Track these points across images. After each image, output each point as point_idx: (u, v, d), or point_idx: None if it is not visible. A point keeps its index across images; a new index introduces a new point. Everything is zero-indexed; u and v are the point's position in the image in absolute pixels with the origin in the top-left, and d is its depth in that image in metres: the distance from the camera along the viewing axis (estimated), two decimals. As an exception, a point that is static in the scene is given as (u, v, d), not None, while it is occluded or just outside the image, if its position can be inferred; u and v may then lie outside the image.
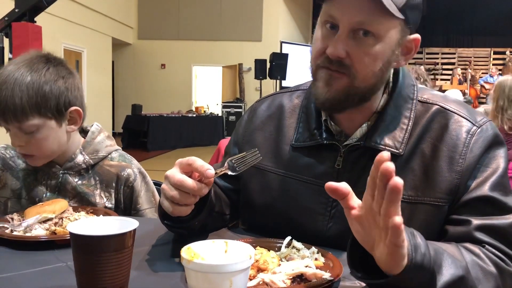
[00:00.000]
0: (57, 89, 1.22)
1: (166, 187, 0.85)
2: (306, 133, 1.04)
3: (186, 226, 0.95)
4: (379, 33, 0.88)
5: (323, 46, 0.92)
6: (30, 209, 1.12)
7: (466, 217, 0.90)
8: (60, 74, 1.24)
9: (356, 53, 0.89)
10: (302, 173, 1.03)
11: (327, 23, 0.91)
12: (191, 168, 0.84)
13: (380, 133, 0.96)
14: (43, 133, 1.22)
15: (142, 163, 1.43)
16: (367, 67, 0.90)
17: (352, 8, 0.87)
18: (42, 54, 1.27)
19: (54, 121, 1.24)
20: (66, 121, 1.27)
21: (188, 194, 0.84)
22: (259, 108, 1.16)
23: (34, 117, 1.19)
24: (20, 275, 0.83)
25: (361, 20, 0.87)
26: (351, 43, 0.89)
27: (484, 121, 0.96)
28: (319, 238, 0.98)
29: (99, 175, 1.34)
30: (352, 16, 0.87)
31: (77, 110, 1.27)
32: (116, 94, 13.82)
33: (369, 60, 0.90)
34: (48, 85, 1.20)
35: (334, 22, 0.90)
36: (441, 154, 0.93)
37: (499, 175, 0.92)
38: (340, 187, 0.69)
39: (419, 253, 0.70)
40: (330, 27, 0.91)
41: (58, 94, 1.22)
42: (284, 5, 13.60)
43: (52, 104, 1.21)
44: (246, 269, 0.65)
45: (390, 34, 0.89)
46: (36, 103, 1.18)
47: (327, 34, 0.92)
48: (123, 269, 0.73)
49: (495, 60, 14.80)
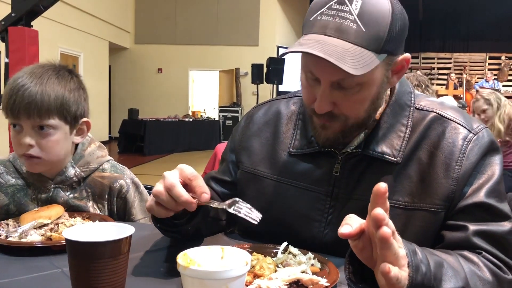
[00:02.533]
0: (78, 97, 1.28)
1: (157, 185, 0.85)
2: (304, 140, 1.04)
3: (178, 230, 0.95)
4: (362, 81, 0.87)
5: (311, 97, 0.93)
6: (26, 214, 1.12)
7: (462, 223, 0.91)
8: (81, 85, 1.31)
9: (343, 103, 0.90)
10: (298, 179, 1.03)
11: (308, 73, 0.91)
12: (191, 183, 0.85)
13: (377, 141, 0.97)
14: (57, 135, 1.23)
15: (138, 167, 1.43)
16: (357, 110, 0.92)
17: (329, 67, 0.82)
18: (64, 65, 1.32)
19: (68, 127, 1.26)
20: (75, 131, 1.29)
21: (175, 201, 0.83)
22: (256, 115, 1.16)
23: (55, 117, 1.22)
24: (16, 281, 0.82)
25: (340, 78, 0.86)
26: (336, 94, 0.89)
27: (480, 128, 0.97)
28: (315, 244, 0.98)
29: (91, 187, 1.33)
30: (331, 75, 0.86)
31: (88, 122, 1.32)
32: (113, 98, 13.80)
33: (358, 104, 0.91)
34: (72, 92, 1.26)
35: (315, 76, 0.89)
36: (437, 161, 0.94)
37: (495, 182, 0.92)
38: (356, 230, 0.68)
39: (420, 273, 0.70)
40: (311, 76, 0.91)
41: (78, 102, 1.27)
42: (281, 10, 13.65)
43: (73, 110, 1.26)
44: (243, 275, 0.65)
45: (374, 77, 0.88)
46: (61, 104, 1.23)
47: (311, 83, 0.92)
48: (119, 275, 0.73)
49: (490, 65, 14.87)
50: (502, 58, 14.53)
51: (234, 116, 12.36)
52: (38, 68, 1.25)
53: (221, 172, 1.17)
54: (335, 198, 0.99)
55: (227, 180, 1.15)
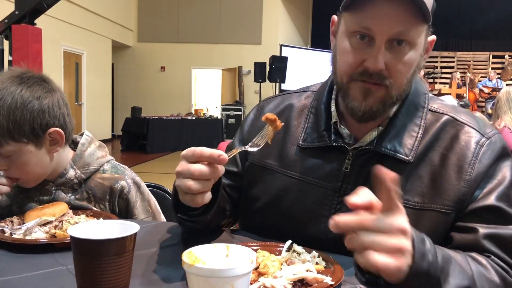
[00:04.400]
0: (30, 112, 1.16)
1: (182, 182, 0.83)
2: (315, 133, 1.04)
3: (198, 220, 0.95)
4: (413, 40, 0.89)
5: (358, 59, 0.91)
6: (30, 212, 1.12)
7: (472, 225, 0.91)
8: (35, 95, 1.17)
9: (393, 64, 0.90)
10: (307, 174, 1.03)
11: (357, 34, 0.90)
12: (201, 159, 0.83)
13: (390, 139, 0.96)
14: (22, 158, 1.18)
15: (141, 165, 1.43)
16: (403, 75, 0.92)
17: (389, 19, 0.86)
18: (16, 74, 1.20)
19: (31, 144, 1.18)
20: (46, 143, 1.21)
21: (206, 180, 0.83)
22: (267, 107, 1.16)
23: (9, 143, 1.15)
24: (20, 278, 0.82)
25: (400, 30, 0.87)
26: (387, 54, 0.89)
27: (493, 133, 0.98)
28: (320, 240, 0.97)
29: (92, 189, 1.31)
30: (391, 27, 0.87)
31: (57, 131, 1.21)
32: (116, 96, 13.82)
33: (405, 68, 0.91)
34: (19, 109, 1.14)
35: (369, 34, 0.89)
36: (450, 163, 0.94)
37: (506, 186, 0.92)
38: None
39: (426, 261, 0.70)
40: (360, 38, 0.90)
41: (32, 118, 1.16)
42: (283, 9, 13.63)
43: (26, 129, 1.16)
44: (248, 273, 0.65)
45: (421, 39, 0.91)
46: (8, 129, 1.14)
47: (359, 46, 0.91)
48: (124, 273, 0.73)
49: (494, 64, 14.81)
50: (506, 57, 14.48)
51: (237, 115, 12.36)
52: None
53: (227, 162, 1.17)
54: (343, 194, 0.98)
55: (234, 171, 1.14)
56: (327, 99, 1.07)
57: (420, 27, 0.89)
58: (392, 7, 0.86)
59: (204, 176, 0.82)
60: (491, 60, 14.95)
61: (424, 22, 0.88)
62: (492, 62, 14.92)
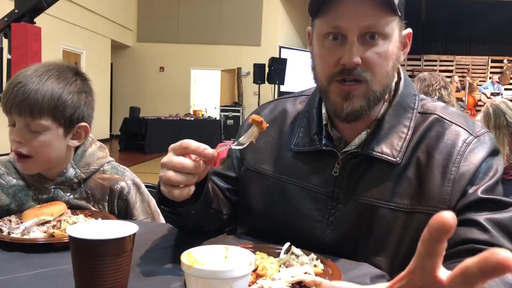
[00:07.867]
0: (77, 101, 1.25)
1: (164, 173, 0.83)
2: (306, 138, 1.04)
3: (182, 212, 0.93)
4: (385, 32, 0.90)
5: (334, 58, 0.92)
6: (28, 211, 1.11)
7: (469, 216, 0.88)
8: (84, 89, 1.29)
9: (369, 57, 0.91)
10: (301, 179, 1.03)
11: (330, 35, 0.92)
12: (186, 151, 0.83)
13: (378, 141, 0.96)
14: (48, 137, 1.22)
15: (139, 165, 1.43)
16: (382, 68, 0.92)
17: (357, 15, 0.88)
18: (72, 66, 1.31)
19: (62, 129, 1.24)
20: (71, 134, 1.28)
21: (189, 174, 0.83)
22: (262, 113, 1.16)
23: (47, 118, 1.21)
24: (18, 277, 0.82)
25: (369, 23, 0.89)
26: (362, 49, 0.90)
27: (482, 132, 0.96)
28: (317, 245, 0.97)
29: (91, 189, 1.32)
30: (360, 22, 0.88)
31: (86, 126, 1.29)
32: (115, 96, 13.80)
33: (381, 60, 0.92)
34: (71, 95, 1.24)
35: (340, 32, 0.90)
36: (435, 163, 0.93)
37: (494, 181, 0.92)
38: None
39: None
40: (333, 39, 0.92)
41: (76, 106, 1.25)
42: (283, 10, 13.64)
43: (68, 113, 1.23)
44: (246, 275, 0.65)
45: (393, 31, 0.92)
46: (55, 106, 1.21)
47: (334, 46, 0.92)
48: (123, 273, 0.73)
49: (492, 68, 14.87)
50: (504, 61, 14.54)
51: (235, 116, 12.36)
52: (42, 67, 1.24)
53: (225, 167, 1.17)
54: (336, 199, 0.98)
55: (231, 175, 1.15)
56: (319, 102, 1.07)
57: (389, 19, 0.90)
58: (359, 3, 0.88)
59: (186, 169, 0.82)
60: (490, 64, 15.01)
61: (393, 14, 0.89)
62: (491, 66, 14.98)
